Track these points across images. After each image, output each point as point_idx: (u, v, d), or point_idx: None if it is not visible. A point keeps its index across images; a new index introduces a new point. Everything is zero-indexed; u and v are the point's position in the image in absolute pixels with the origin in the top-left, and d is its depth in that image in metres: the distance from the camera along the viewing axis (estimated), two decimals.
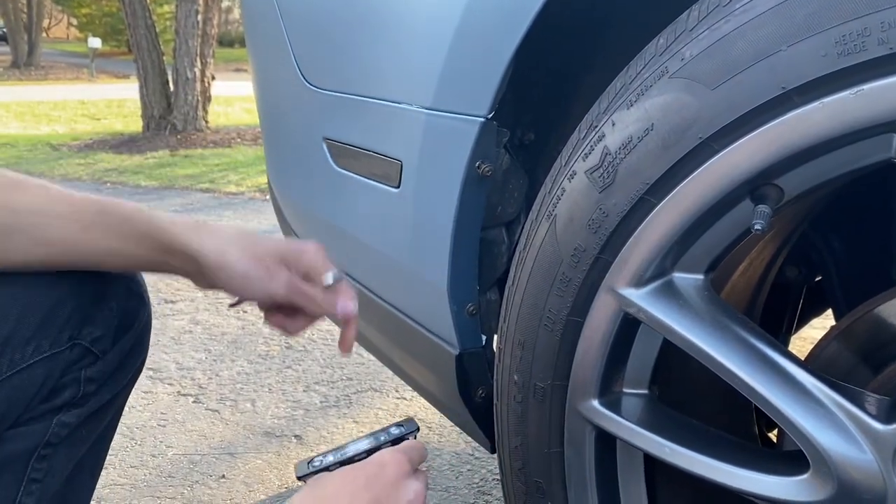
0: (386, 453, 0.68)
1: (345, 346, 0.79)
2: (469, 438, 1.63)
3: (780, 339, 0.93)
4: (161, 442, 1.69)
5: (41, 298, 0.70)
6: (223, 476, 1.55)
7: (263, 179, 5.17)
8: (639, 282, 0.63)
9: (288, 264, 0.74)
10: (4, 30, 24.94)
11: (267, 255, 0.72)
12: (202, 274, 0.72)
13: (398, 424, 0.75)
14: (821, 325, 1.62)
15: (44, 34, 27.83)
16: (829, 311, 1.21)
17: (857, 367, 0.70)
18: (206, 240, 0.71)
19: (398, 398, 1.90)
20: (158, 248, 0.71)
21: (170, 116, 7.33)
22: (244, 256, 0.71)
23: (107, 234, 0.69)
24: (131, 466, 1.59)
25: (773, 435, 1.06)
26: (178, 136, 7.16)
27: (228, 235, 0.72)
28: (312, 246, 0.76)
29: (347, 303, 0.75)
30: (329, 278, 0.74)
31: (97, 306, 0.74)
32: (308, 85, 1.04)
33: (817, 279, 1.06)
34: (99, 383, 0.75)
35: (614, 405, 0.68)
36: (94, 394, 0.75)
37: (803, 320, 1.22)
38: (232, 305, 0.78)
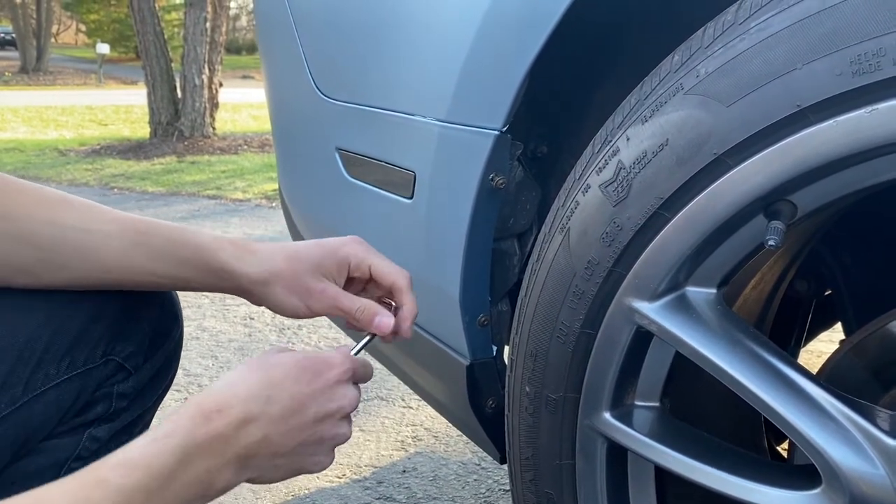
0: (336, 355, 0.67)
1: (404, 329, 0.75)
2: (476, 448, 1.63)
3: (789, 353, 0.94)
4: None
5: (76, 314, 0.70)
6: None
7: (270, 186, 5.19)
8: (652, 295, 0.63)
9: (328, 273, 0.74)
10: (13, 35, 25.11)
11: (308, 273, 0.73)
12: (248, 295, 0.74)
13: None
14: (827, 339, 1.62)
15: (52, 40, 27.97)
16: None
17: (868, 383, 0.70)
18: (249, 265, 0.72)
19: (404, 407, 1.91)
20: (203, 270, 0.71)
21: (177, 123, 7.36)
22: (286, 279, 0.72)
23: (150, 255, 0.70)
24: None
25: (781, 448, 1.06)
26: (186, 143, 7.19)
27: (270, 256, 0.73)
28: (350, 240, 0.76)
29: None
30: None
31: (130, 323, 0.74)
32: (322, 95, 1.05)
33: (827, 293, 1.07)
34: (130, 399, 0.76)
35: (626, 417, 0.69)
36: (125, 409, 0.76)
37: (812, 334, 1.22)
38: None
